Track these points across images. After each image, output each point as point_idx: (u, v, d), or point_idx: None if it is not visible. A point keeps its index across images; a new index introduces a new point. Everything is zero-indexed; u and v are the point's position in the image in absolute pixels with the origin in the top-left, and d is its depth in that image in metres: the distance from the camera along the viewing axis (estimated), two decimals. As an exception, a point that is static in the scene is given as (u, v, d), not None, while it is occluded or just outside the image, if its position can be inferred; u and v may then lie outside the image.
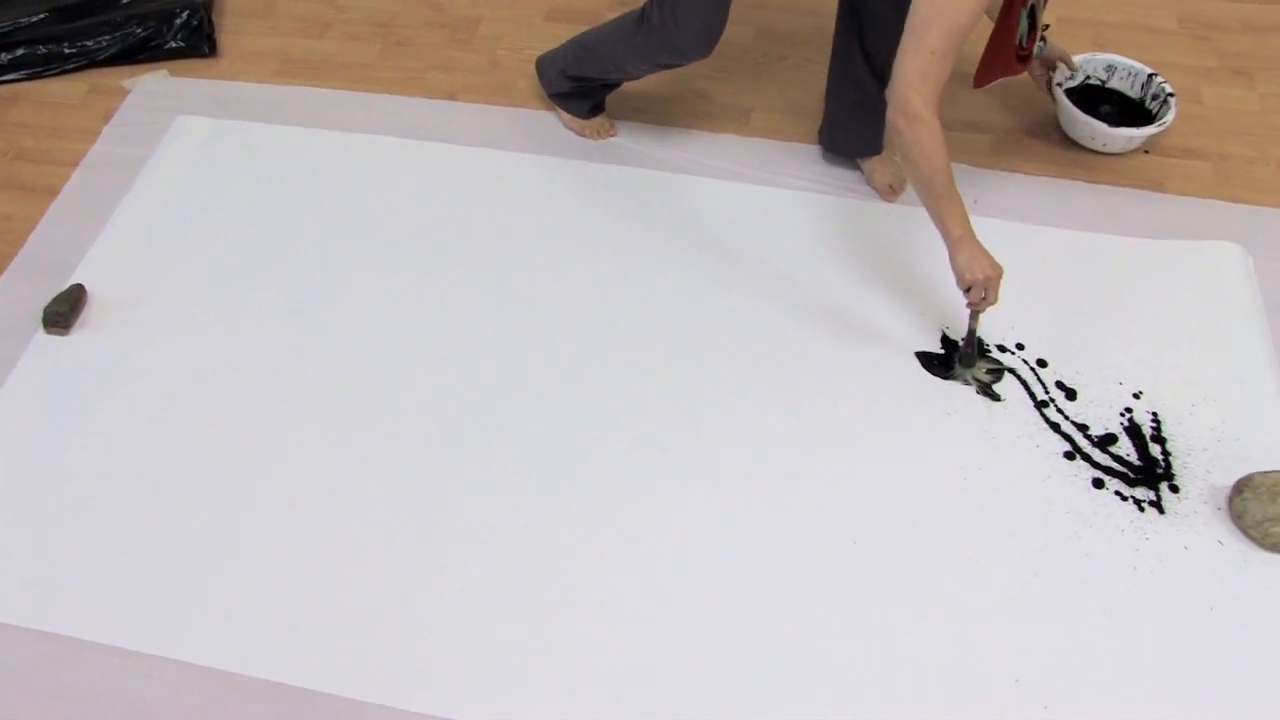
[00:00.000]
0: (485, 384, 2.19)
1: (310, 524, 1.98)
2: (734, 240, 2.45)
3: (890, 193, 2.53)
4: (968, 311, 2.12)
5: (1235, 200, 2.56)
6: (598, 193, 2.55)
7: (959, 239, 1.97)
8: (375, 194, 2.55)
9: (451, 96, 2.81)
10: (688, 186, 2.57)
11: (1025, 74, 2.28)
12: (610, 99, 2.65)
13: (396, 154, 2.64)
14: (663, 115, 2.75)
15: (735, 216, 2.50)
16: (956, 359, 2.21)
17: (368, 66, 2.91)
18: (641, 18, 2.30)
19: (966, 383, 2.19)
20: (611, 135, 2.68)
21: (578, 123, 2.66)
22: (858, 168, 2.59)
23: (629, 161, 2.62)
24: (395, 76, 2.88)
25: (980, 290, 2.00)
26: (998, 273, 2.00)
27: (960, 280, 2.01)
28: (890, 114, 1.94)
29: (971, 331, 2.15)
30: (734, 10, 2.21)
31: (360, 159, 2.63)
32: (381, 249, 2.43)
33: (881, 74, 2.18)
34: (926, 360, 2.22)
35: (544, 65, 2.64)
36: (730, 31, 2.91)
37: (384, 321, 2.29)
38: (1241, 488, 1.97)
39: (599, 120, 2.66)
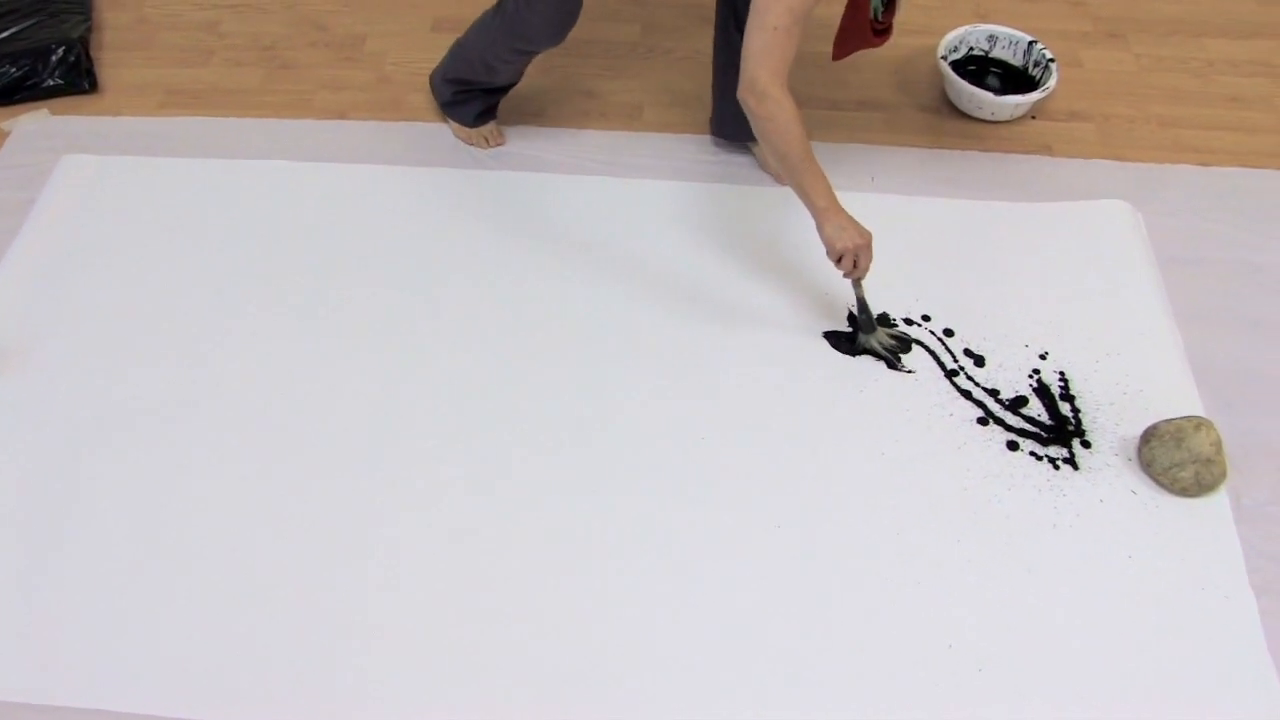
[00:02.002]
0: (396, 401, 2.16)
1: (230, 558, 1.94)
2: (635, 235, 2.45)
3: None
4: (850, 283, 2.14)
5: (1120, 159, 2.63)
6: (496, 200, 2.53)
7: (824, 210, 2.00)
8: (271, 220, 2.50)
9: (341, 115, 2.77)
10: (585, 187, 2.56)
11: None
12: (502, 107, 2.63)
13: (290, 178, 2.60)
14: (555, 118, 2.74)
15: (634, 212, 2.50)
16: (857, 330, 2.24)
17: (255, 91, 2.86)
18: (498, 6, 2.31)
19: (875, 353, 2.21)
20: (500, 144, 2.66)
21: (465, 132, 2.64)
22: (751, 153, 2.61)
23: (525, 167, 2.61)
24: (283, 100, 2.83)
25: (851, 258, 2.03)
26: (866, 239, 2.03)
27: (830, 250, 2.04)
28: (740, 92, 1.96)
29: (860, 300, 2.18)
30: (618, 7, 2.21)
31: (253, 185, 2.58)
32: (280, 274, 2.39)
33: None
34: (834, 339, 2.25)
35: (433, 77, 2.63)
36: (616, 29, 2.93)
37: (291, 345, 2.25)
38: (1148, 437, 2.02)
39: (487, 128, 2.64)
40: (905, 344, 2.23)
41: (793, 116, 1.93)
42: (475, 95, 2.56)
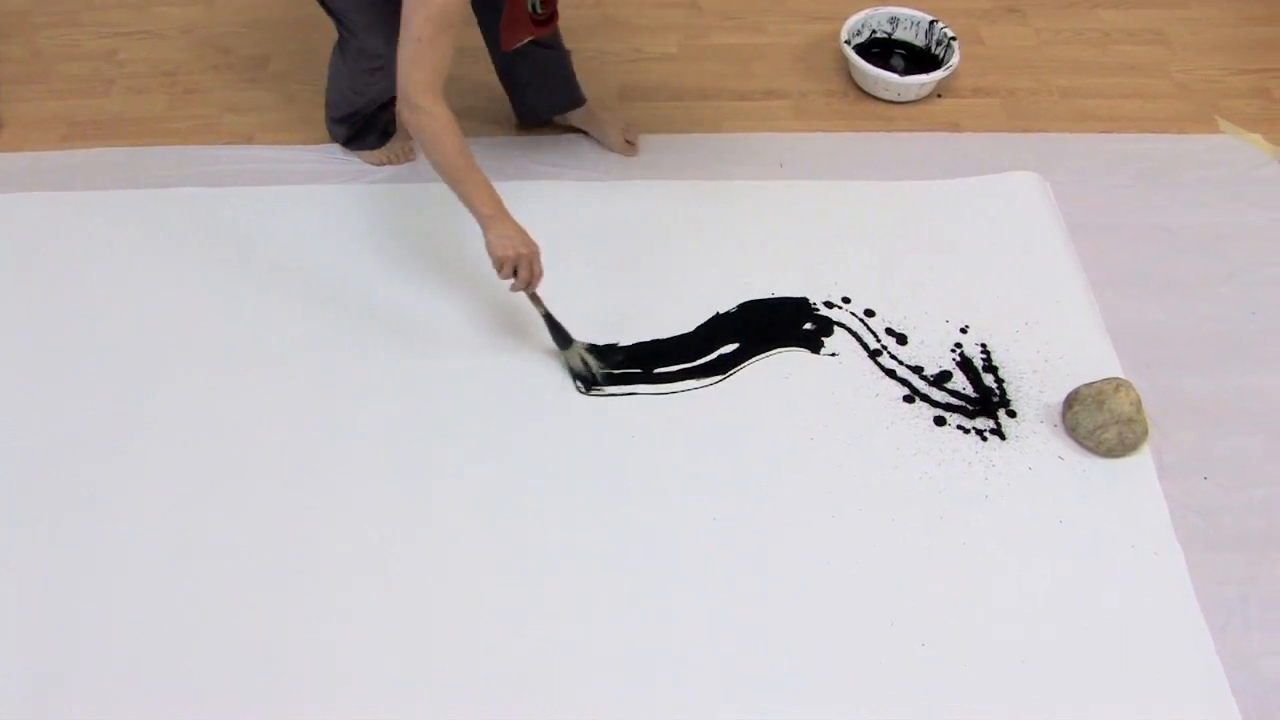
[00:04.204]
0: (330, 415, 2.14)
1: (153, 603, 1.91)
2: (555, 234, 2.42)
3: (629, 148, 2.60)
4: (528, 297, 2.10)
5: (1026, 131, 2.68)
6: (411, 212, 2.51)
7: (490, 218, 1.98)
8: (184, 248, 2.45)
9: (249, 139, 2.73)
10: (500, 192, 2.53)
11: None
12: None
13: (199, 205, 2.55)
14: (465, 128, 2.70)
15: (556, 211, 2.46)
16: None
17: (159, 119, 2.81)
18: (338, 41, 2.34)
19: (570, 370, 2.18)
20: (411, 159, 2.64)
21: (373, 155, 2.62)
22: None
23: (435, 178, 2.58)
24: (189, 125, 2.78)
25: (511, 267, 2.00)
26: (531, 250, 2.00)
27: (493, 258, 2.00)
28: (397, 106, 1.96)
29: (545, 316, 2.13)
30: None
31: (165, 214, 2.53)
32: (197, 301, 2.35)
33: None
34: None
35: (326, 124, 2.63)
36: (521, 34, 2.90)
37: (209, 375, 2.22)
38: (1071, 402, 2.06)
39: (393, 146, 2.62)
40: (606, 376, 2.18)
41: (445, 126, 1.93)
42: (367, 121, 2.54)
